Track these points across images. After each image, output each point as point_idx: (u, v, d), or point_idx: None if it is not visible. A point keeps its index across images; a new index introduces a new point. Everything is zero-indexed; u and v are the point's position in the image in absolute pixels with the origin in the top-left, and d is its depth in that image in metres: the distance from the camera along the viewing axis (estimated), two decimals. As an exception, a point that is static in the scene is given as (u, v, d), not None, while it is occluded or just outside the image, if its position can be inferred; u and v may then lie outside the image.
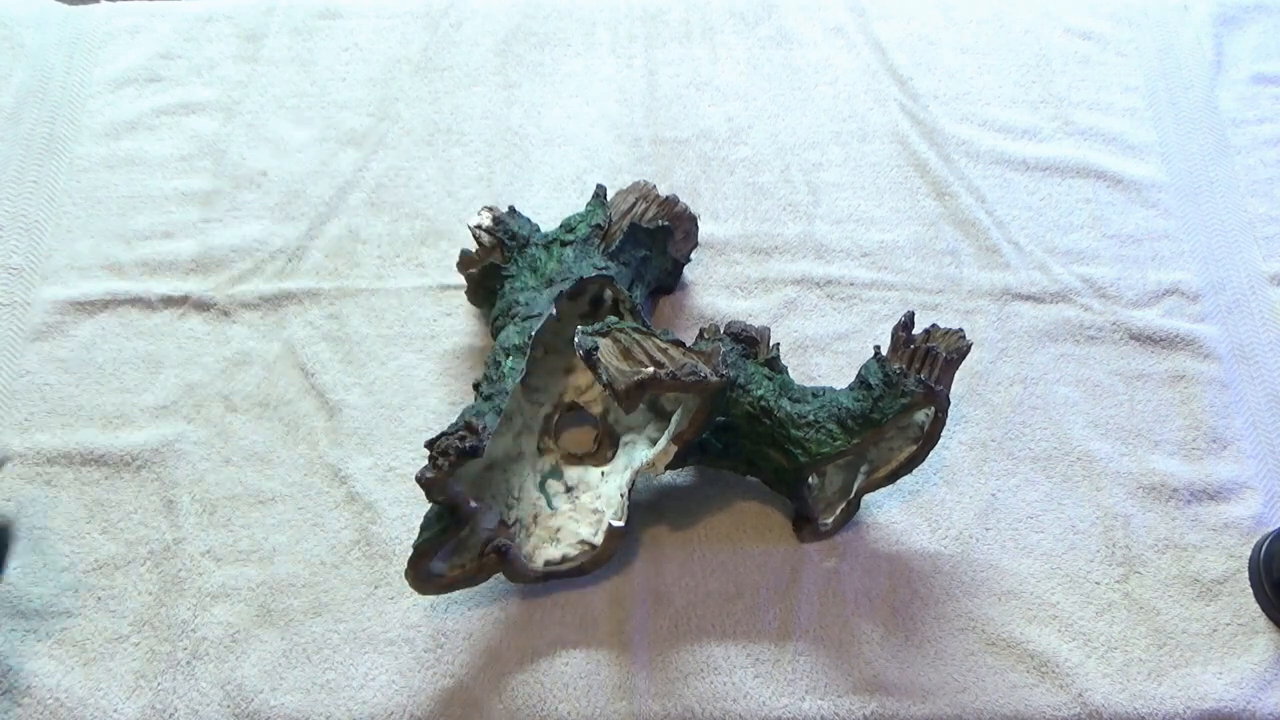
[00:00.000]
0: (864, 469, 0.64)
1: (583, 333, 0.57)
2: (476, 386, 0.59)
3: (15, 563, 0.65)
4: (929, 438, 0.61)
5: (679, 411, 0.61)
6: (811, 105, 0.83)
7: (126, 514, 0.67)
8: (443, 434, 0.55)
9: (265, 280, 0.75)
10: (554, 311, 0.62)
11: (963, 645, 0.63)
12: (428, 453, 0.54)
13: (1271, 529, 0.66)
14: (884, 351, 0.61)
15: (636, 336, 0.58)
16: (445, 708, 0.61)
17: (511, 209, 0.69)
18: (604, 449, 0.66)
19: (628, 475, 0.62)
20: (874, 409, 0.59)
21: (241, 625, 0.63)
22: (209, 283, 0.74)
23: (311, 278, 0.75)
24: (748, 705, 0.61)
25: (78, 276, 0.75)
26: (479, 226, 0.67)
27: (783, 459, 0.61)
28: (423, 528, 0.57)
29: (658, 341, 0.58)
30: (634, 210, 0.68)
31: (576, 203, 0.78)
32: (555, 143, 0.81)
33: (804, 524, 0.65)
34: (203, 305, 0.74)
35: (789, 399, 0.61)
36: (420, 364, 0.72)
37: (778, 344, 0.64)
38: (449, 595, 0.63)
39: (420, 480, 0.54)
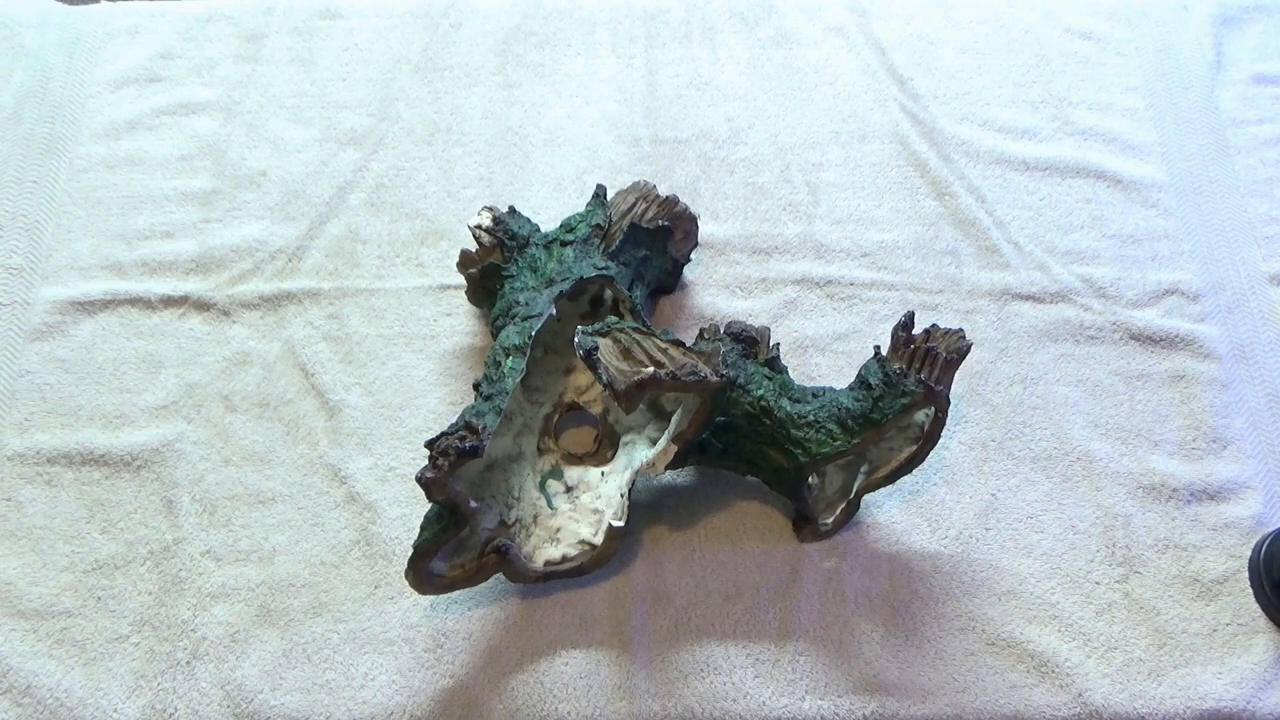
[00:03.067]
0: (864, 469, 0.64)
1: (583, 333, 0.57)
2: (476, 386, 0.59)
3: (15, 563, 0.65)
4: (929, 438, 0.61)
5: (679, 411, 0.61)
6: (811, 105, 0.83)
7: (126, 514, 0.67)
8: (443, 434, 0.55)
9: (265, 280, 0.75)
10: (554, 311, 0.62)
11: (963, 645, 0.63)
12: (428, 453, 0.54)
13: (1271, 529, 0.66)
14: (884, 351, 0.61)
15: (636, 336, 0.58)
16: (445, 708, 0.61)
17: (511, 209, 0.69)
18: (604, 449, 0.66)
19: (628, 475, 0.62)
20: (874, 409, 0.59)
21: (241, 625, 0.63)
22: (209, 283, 0.74)
23: (311, 278, 0.75)
24: (748, 705, 0.61)
25: (78, 276, 0.75)
26: (479, 226, 0.67)
27: (783, 459, 0.61)
28: (423, 528, 0.57)
29: (658, 341, 0.58)
30: (634, 210, 0.67)
31: (576, 203, 0.78)
32: (555, 143, 0.81)
33: (804, 524, 0.65)
34: (203, 305, 0.74)
35: (789, 399, 0.61)
36: (420, 364, 0.72)
37: (778, 344, 0.64)
38: (449, 595, 0.63)
39: (420, 480, 0.53)
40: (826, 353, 0.72)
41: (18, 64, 0.84)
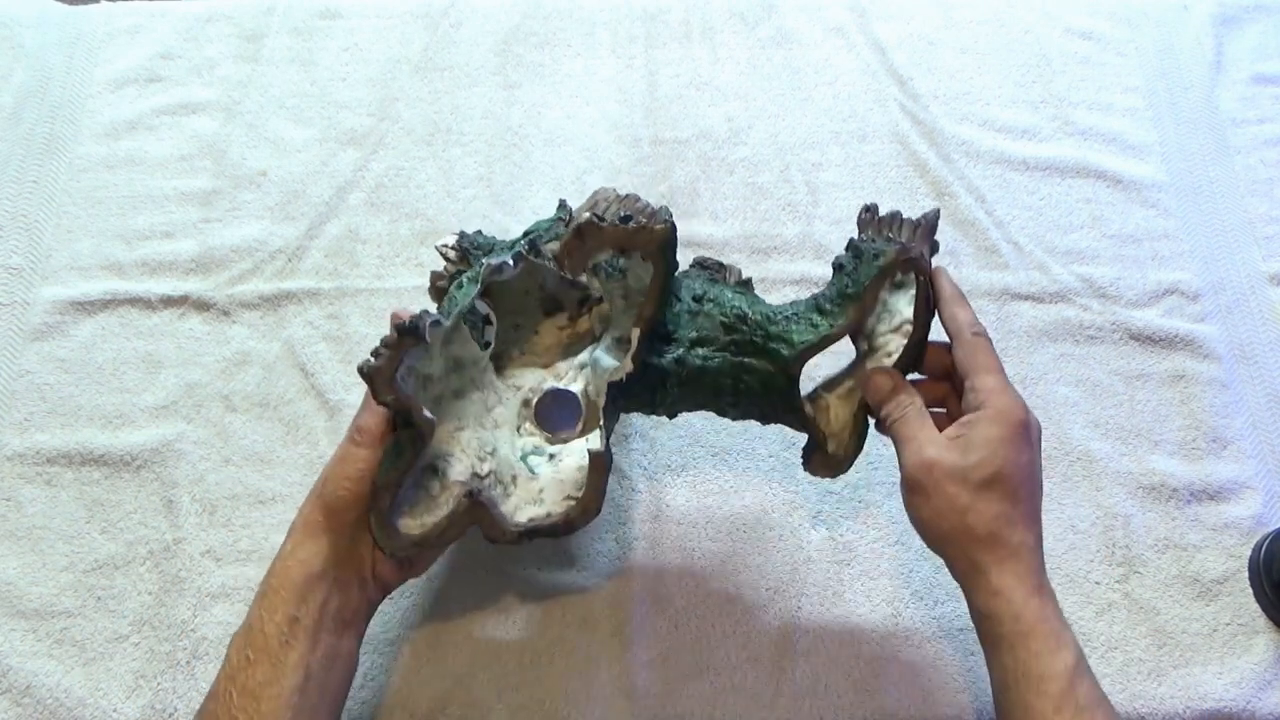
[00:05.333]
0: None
1: (522, 246, 0.57)
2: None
3: (15, 563, 0.65)
4: (919, 318, 0.57)
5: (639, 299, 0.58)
6: (811, 105, 0.83)
7: (126, 514, 0.67)
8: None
9: (265, 280, 0.75)
10: (510, 261, 0.57)
11: (963, 645, 0.63)
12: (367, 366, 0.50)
13: (1271, 529, 0.66)
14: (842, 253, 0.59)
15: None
16: (445, 707, 0.61)
17: (479, 231, 0.67)
18: (589, 429, 0.64)
19: (596, 383, 0.58)
20: (849, 284, 0.56)
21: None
22: (209, 283, 0.74)
23: (311, 278, 0.75)
24: (748, 705, 0.61)
25: (78, 276, 0.75)
26: (444, 245, 0.66)
27: (767, 363, 0.57)
28: (380, 465, 0.52)
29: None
30: (595, 208, 0.66)
31: (576, 203, 0.77)
32: (555, 143, 0.81)
33: (813, 451, 0.60)
34: (203, 305, 0.74)
35: (763, 306, 0.58)
36: (420, 364, 0.72)
37: (749, 277, 0.62)
38: (447, 595, 0.63)
39: (363, 372, 0.49)
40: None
41: (18, 64, 0.84)
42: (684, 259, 0.75)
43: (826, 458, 0.59)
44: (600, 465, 0.56)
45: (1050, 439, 0.70)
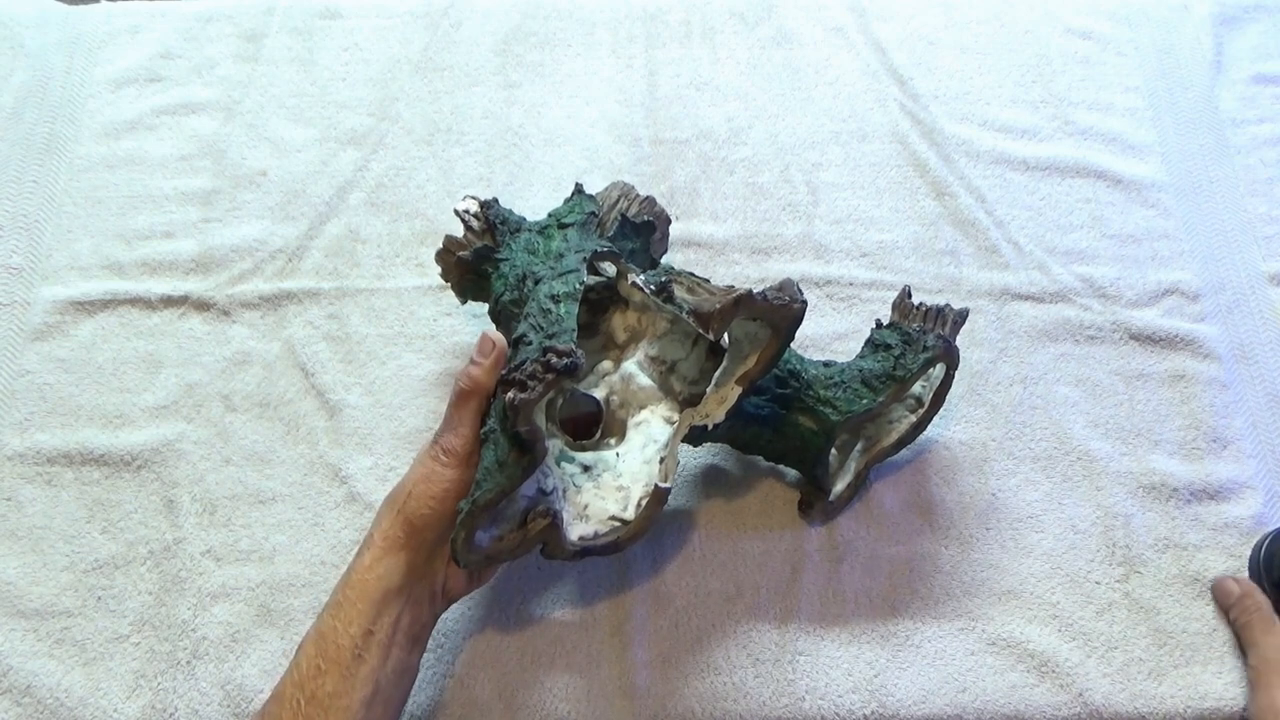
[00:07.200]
0: (859, 446, 0.65)
1: (646, 279, 0.56)
2: (519, 339, 0.55)
3: (15, 563, 0.65)
4: (936, 401, 0.63)
5: (727, 358, 0.59)
6: (811, 105, 0.83)
7: (126, 514, 0.67)
8: (516, 365, 0.50)
9: (265, 280, 0.75)
10: (585, 275, 0.59)
11: (963, 645, 0.63)
12: (508, 388, 0.49)
13: (1271, 529, 0.66)
14: (884, 326, 0.64)
15: (698, 279, 0.56)
16: (445, 708, 0.61)
17: (495, 199, 0.67)
18: (606, 436, 0.65)
19: (661, 443, 0.59)
20: (897, 366, 0.61)
21: (241, 625, 0.63)
22: (209, 283, 0.74)
23: (311, 278, 0.75)
24: (748, 705, 0.61)
25: (78, 276, 0.75)
26: (467, 212, 0.66)
27: (812, 423, 0.61)
28: (479, 481, 0.51)
29: (717, 285, 0.56)
30: (619, 205, 0.67)
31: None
32: (555, 143, 0.81)
33: (814, 501, 0.65)
34: (203, 305, 0.74)
35: (811, 366, 0.62)
36: (420, 364, 0.72)
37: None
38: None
39: (512, 404, 0.48)
40: (826, 352, 0.72)
41: (18, 64, 0.84)
42: (684, 259, 0.76)
43: (828, 507, 0.65)
44: (662, 499, 0.58)
45: (1050, 439, 0.70)
